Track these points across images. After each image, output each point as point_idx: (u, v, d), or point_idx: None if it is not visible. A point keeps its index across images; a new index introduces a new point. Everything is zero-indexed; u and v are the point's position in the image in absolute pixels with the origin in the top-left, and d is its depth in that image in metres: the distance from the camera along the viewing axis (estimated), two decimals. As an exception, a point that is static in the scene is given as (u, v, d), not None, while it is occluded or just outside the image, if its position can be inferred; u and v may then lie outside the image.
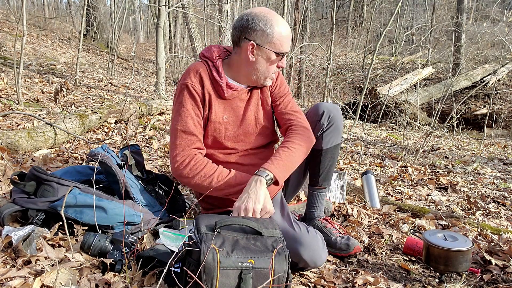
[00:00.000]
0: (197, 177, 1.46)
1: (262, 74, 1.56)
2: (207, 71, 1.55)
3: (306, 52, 10.57)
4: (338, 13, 17.46)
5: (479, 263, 1.67)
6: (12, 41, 7.74)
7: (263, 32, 1.48)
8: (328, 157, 1.72)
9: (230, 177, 1.47)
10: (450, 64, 10.98)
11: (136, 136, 3.49)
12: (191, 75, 1.53)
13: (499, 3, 15.95)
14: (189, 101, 1.51)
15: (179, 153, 1.48)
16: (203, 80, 1.53)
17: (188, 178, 1.47)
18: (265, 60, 1.53)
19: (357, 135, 5.47)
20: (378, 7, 16.64)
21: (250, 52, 1.51)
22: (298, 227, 1.50)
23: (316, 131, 1.68)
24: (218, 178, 1.46)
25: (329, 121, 1.68)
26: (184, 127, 1.50)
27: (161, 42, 6.06)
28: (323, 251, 1.49)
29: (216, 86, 1.55)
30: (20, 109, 3.61)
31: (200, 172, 1.46)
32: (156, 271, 1.32)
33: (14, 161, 2.36)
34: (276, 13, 1.54)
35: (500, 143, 6.17)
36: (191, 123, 1.50)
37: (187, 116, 1.51)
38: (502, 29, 10.13)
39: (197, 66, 1.56)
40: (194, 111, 1.52)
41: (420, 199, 2.67)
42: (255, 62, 1.53)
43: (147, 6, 20.83)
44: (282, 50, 1.52)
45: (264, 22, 1.48)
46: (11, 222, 1.53)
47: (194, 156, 1.48)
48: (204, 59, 1.58)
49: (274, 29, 1.48)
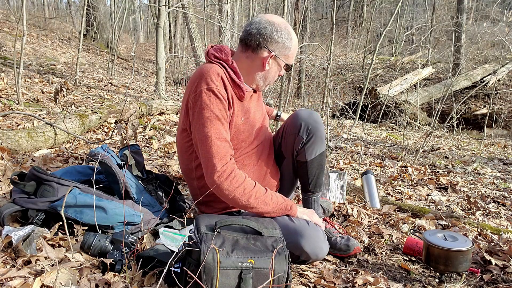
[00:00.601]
0: (236, 191, 1.43)
1: (268, 81, 1.61)
2: (225, 73, 1.51)
3: (306, 52, 10.57)
4: (338, 13, 17.48)
5: (479, 263, 1.67)
6: (12, 41, 7.74)
7: (283, 45, 1.52)
8: (314, 167, 1.70)
9: (266, 196, 1.47)
10: (450, 64, 10.97)
11: (136, 136, 3.49)
12: (213, 79, 1.46)
13: (499, 3, 15.96)
14: (218, 107, 1.45)
15: (218, 162, 1.42)
16: (225, 83, 1.49)
17: (228, 191, 1.43)
18: (276, 70, 1.58)
19: (357, 135, 5.47)
20: (378, 7, 16.64)
21: (267, 62, 1.54)
22: (298, 220, 1.50)
23: (296, 144, 1.67)
24: (256, 195, 1.45)
25: (308, 134, 1.64)
26: (218, 134, 1.44)
27: (161, 42, 6.06)
28: (324, 243, 1.49)
29: (236, 89, 1.53)
30: (20, 109, 3.61)
31: (239, 187, 1.43)
32: (156, 271, 1.32)
33: (14, 161, 2.36)
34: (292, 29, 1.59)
35: (500, 143, 6.17)
36: (222, 129, 1.46)
37: (219, 123, 1.45)
38: (502, 29, 10.12)
39: (216, 69, 1.48)
40: (223, 117, 1.47)
41: (420, 199, 2.67)
42: (268, 71, 1.57)
43: (147, 6, 20.83)
44: (291, 63, 1.58)
45: (286, 35, 1.52)
46: (11, 222, 1.53)
47: (234, 169, 1.45)
48: (217, 61, 1.53)
49: (292, 44, 1.54)
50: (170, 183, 1.95)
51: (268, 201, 1.46)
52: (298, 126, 1.64)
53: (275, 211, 1.48)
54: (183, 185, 2.45)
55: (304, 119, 1.64)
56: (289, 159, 1.73)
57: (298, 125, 1.65)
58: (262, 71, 1.56)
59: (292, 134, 1.67)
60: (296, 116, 1.67)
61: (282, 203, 1.50)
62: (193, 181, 1.67)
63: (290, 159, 1.73)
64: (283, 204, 1.50)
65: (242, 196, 1.43)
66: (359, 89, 9.69)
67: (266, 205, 1.46)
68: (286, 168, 1.77)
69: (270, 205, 1.47)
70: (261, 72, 1.57)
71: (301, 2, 10.34)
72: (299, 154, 1.68)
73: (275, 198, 1.49)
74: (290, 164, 1.74)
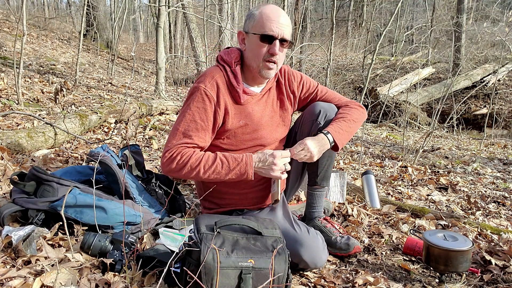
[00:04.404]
0: (185, 169, 1.42)
1: (253, 62, 1.51)
2: (224, 76, 1.52)
3: (306, 52, 10.58)
4: (338, 13, 17.46)
5: (479, 263, 1.67)
6: (12, 41, 7.73)
7: (250, 19, 1.50)
8: (326, 156, 1.71)
9: (217, 164, 1.43)
10: (450, 64, 10.97)
11: (136, 136, 3.49)
12: (206, 80, 1.49)
13: (499, 3, 15.95)
14: (197, 105, 1.47)
15: (168, 150, 1.45)
16: (219, 86, 1.50)
17: (176, 173, 1.44)
18: (251, 46, 1.50)
19: (357, 135, 5.47)
20: (378, 7, 16.63)
21: (241, 41, 1.53)
22: (299, 228, 1.50)
23: (313, 130, 1.68)
24: (204, 168, 1.42)
25: (325, 121, 1.66)
26: (185, 130, 1.46)
27: (161, 42, 6.06)
28: (323, 252, 1.49)
29: (232, 92, 1.53)
30: (20, 109, 3.61)
31: (187, 164, 1.42)
32: (156, 271, 1.32)
33: (14, 161, 2.36)
34: (276, 6, 1.54)
35: (500, 143, 6.17)
36: (193, 127, 1.46)
37: (191, 120, 1.47)
38: (502, 29, 10.11)
39: (214, 72, 1.52)
40: (199, 116, 1.47)
41: (420, 199, 2.67)
42: (245, 50, 1.54)
43: (147, 6, 20.82)
44: (265, 32, 1.44)
45: (252, 13, 1.50)
46: (11, 222, 1.53)
47: (181, 151, 1.44)
48: (222, 64, 1.55)
49: (259, 14, 1.47)
50: (170, 183, 1.95)
51: (219, 170, 1.43)
52: (317, 113, 1.67)
53: (232, 176, 1.44)
54: (183, 185, 2.45)
55: (323, 107, 1.68)
56: None
57: (317, 111, 1.67)
58: (244, 53, 1.55)
59: (310, 121, 1.68)
60: (316, 104, 1.70)
61: (235, 168, 1.44)
62: None
63: None
64: (237, 169, 1.44)
65: (190, 172, 1.43)
66: (359, 89, 9.69)
67: (219, 174, 1.44)
68: (297, 161, 1.77)
69: (222, 173, 1.43)
70: (245, 55, 1.54)
71: (301, 2, 10.34)
72: None
73: (225, 164, 1.44)
74: None
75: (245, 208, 1.65)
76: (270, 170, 1.44)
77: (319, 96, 1.74)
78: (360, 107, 1.74)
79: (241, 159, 1.44)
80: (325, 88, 1.78)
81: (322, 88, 1.76)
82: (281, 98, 1.68)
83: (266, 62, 1.49)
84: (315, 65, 10.21)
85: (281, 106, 1.69)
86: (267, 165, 1.44)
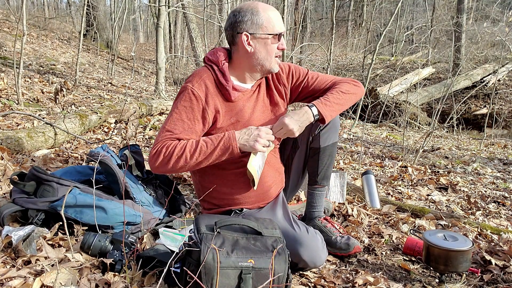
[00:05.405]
0: (172, 160, 1.42)
1: (265, 61, 1.55)
2: (212, 75, 1.54)
3: (306, 52, 10.59)
4: (338, 13, 17.46)
5: (479, 263, 1.67)
6: (12, 41, 7.73)
7: (252, 21, 1.50)
8: (326, 155, 1.72)
9: (201, 145, 1.44)
10: (450, 64, 10.96)
11: (136, 136, 3.49)
12: (194, 80, 1.52)
13: (499, 3, 15.94)
14: (184, 104, 1.49)
15: (153, 147, 1.45)
16: (207, 86, 1.51)
17: (164, 167, 1.43)
18: (263, 46, 1.53)
19: (357, 135, 5.47)
20: (378, 7, 16.62)
21: (246, 43, 1.52)
22: (298, 227, 1.50)
23: (313, 129, 1.69)
24: (191, 151, 1.42)
25: None
26: (171, 128, 1.47)
27: (161, 42, 6.06)
28: (322, 252, 1.49)
29: (222, 90, 1.54)
30: (20, 109, 3.61)
31: (173, 154, 1.42)
32: (156, 271, 1.32)
33: (14, 161, 2.36)
34: (260, 1, 1.56)
35: (500, 143, 6.17)
36: (179, 126, 1.47)
37: (178, 119, 1.48)
38: (502, 29, 10.10)
39: (201, 72, 1.55)
40: (186, 115, 1.49)
41: (420, 199, 2.67)
42: (254, 52, 1.53)
43: (147, 6, 20.82)
44: (276, 31, 1.52)
45: (250, 11, 1.50)
46: (11, 222, 1.53)
47: (166, 143, 1.44)
48: (209, 64, 1.57)
49: (261, 14, 1.50)
50: (170, 183, 1.95)
51: (204, 150, 1.43)
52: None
53: (218, 153, 1.44)
54: (183, 185, 2.45)
55: None
56: (302, 148, 1.76)
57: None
58: (249, 55, 1.54)
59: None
60: None
61: (220, 143, 1.44)
62: (195, 175, 1.70)
63: (304, 148, 1.76)
64: (221, 144, 1.44)
65: (177, 162, 1.42)
66: (359, 89, 9.66)
67: (205, 154, 1.43)
68: (297, 160, 1.79)
69: (208, 152, 1.43)
70: (250, 57, 1.54)
71: (301, 2, 10.35)
72: (313, 141, 1.71)
73: (209, 142, 1.45)
74: (303, 154, 1.77)
75: (244, 207, 1.65)
76: (255, 142, 1.45)
77: (310, 83, 1.72)
78: (352, 80, 1.71)
79: (224, 134, 1.47)
80: (315, 73, 1.74)
81: (312, 74, 1.73)
82: (270, 93, 1.69)
83: (275, 58, 1.57)
84: (315, 65, 10.22)
85: (271, 100, 1.69)
86: (252, 137, 1.46)
